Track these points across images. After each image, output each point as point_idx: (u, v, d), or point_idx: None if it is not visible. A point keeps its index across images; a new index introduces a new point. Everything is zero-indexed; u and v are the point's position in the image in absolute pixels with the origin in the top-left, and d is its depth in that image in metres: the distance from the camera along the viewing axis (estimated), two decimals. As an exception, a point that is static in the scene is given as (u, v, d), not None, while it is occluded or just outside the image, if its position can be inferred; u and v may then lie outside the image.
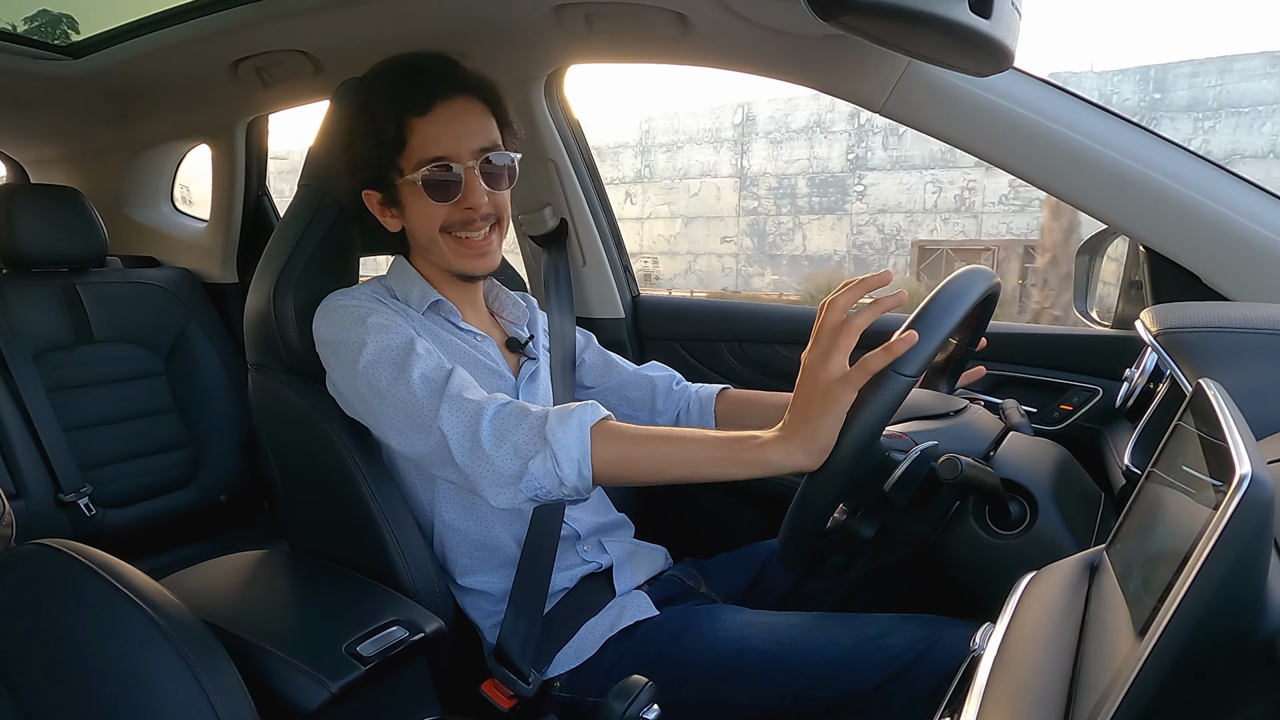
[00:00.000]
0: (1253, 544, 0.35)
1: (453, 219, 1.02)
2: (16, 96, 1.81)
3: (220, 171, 2.05)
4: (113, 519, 1.76)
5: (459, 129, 1.00)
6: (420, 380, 0.90)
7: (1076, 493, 0.94)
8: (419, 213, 1.02)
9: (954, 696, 0.53)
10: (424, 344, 0.95)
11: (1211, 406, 0.45)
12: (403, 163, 1.00)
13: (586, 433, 0.84)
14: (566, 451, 0.83)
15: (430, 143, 0.99)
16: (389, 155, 1.00)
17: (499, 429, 0.86)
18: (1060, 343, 1.30)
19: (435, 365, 0.92)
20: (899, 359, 0.83)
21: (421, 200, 1.01)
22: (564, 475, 0.84)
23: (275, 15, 1.32)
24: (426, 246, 1.06)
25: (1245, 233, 1.01)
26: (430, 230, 1.03)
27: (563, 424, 0.84)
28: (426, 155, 0.99)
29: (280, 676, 0.82)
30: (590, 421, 0.85)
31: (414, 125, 0.99)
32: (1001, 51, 0.83)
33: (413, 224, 1.05)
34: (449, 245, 1.03)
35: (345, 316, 0.99)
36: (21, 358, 1.71)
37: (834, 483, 0.86)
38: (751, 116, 10.54)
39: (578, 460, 0.83)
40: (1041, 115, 1.05)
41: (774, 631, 0.96)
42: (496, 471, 0.85)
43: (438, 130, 0.99)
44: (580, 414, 0.85)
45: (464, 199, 1.00)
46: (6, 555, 0.74)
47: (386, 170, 1.02)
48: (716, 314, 1.67)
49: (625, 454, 0.85)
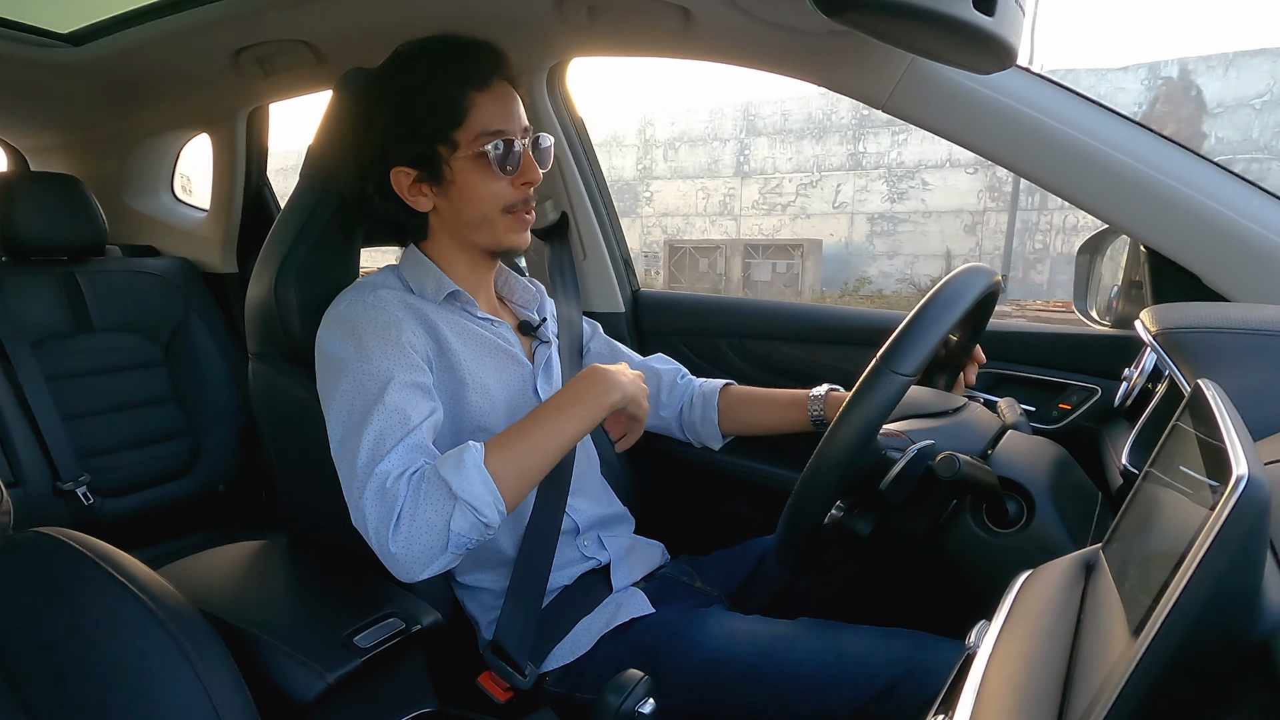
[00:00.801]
0: (1248, 544, 0.35)
1: (512, 196, 1.02)
2: (17, 84, 1.80)
3: (221, 161, 2.05)
4: (111, 508, 1.76)
5: (513, 108, 1.01)
6: (367, 450, 0.88)
7: (1074, 492, 0.94)
8: (479, 188, 1.00)
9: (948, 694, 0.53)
10: (397, 388, 0.91)
11: (1209, 407, 0.45)
12: (459, 135, 0.98)
13: (484, 471, 0.86)
14: (479, 498, 0.85)
15: (491, 117, 0.99)
16: (443, 128, 0.98)
17: (410, 516, 0.85)
18: (1059, 342, 1.30)
19: (393, 425, 0.89)
20: (894, 357, 0.83)
21: (484, 174, 0.99)
22: (487, 519, 0.86)
23: (278, 5, 1.32)
24: (474, 224, 1.03)
25: (1246, 234, 1.01)
26: (488, 206, 1.01)
27: (462, 474, 0.85)
28: (490, 128, 0.98)
29: (277, 666, 0.83)
30: (481, 459, 0.87)
31: (475, 99, 0.98)
32: (1005, 49, 0.83)
33: (465, 199, 1.01)
34: (505, 222, 1.03)
35: (343, 333, 0.96)
36: (20, 346, 1.71)
37: (830, 479, 0.86)
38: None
39: (491, 501, 0.85)
40: (1044, 113, 1.05)
41: (757, 641, 0.96)
42: (422, 551, 0.85)
43: (498, 106, 0.99)
44: (468, 457, 0.86)
45: (523, 173, 1.01)
46: (4, 543, 0.74)
47: (435, 144, 0.99)
48: (717, 309, 1.67)
49: (518, 465, 0.90)
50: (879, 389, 0.84)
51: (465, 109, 0.98)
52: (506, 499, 0.87)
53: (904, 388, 0.84)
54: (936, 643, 0.91)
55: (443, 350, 1.01)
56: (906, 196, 10.08)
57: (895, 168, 10.11)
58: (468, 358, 1.02)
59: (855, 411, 0.84)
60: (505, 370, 1.06)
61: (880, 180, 10.23)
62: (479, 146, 0.98)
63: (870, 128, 10.11)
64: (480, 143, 0.98)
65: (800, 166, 10.72)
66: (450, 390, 1.00)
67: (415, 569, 0.85)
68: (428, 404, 0.93)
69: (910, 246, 10.23)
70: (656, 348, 1.65)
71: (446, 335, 1.01)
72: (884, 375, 0.84)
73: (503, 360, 1.06)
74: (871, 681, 0.88)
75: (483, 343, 1.05)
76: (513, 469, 0.89)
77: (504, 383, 1.05)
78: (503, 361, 1.06)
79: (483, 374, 1.03)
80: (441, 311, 1.04)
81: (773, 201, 11.24)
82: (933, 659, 0.88)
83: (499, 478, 0.87)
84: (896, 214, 10.22)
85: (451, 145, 0.99)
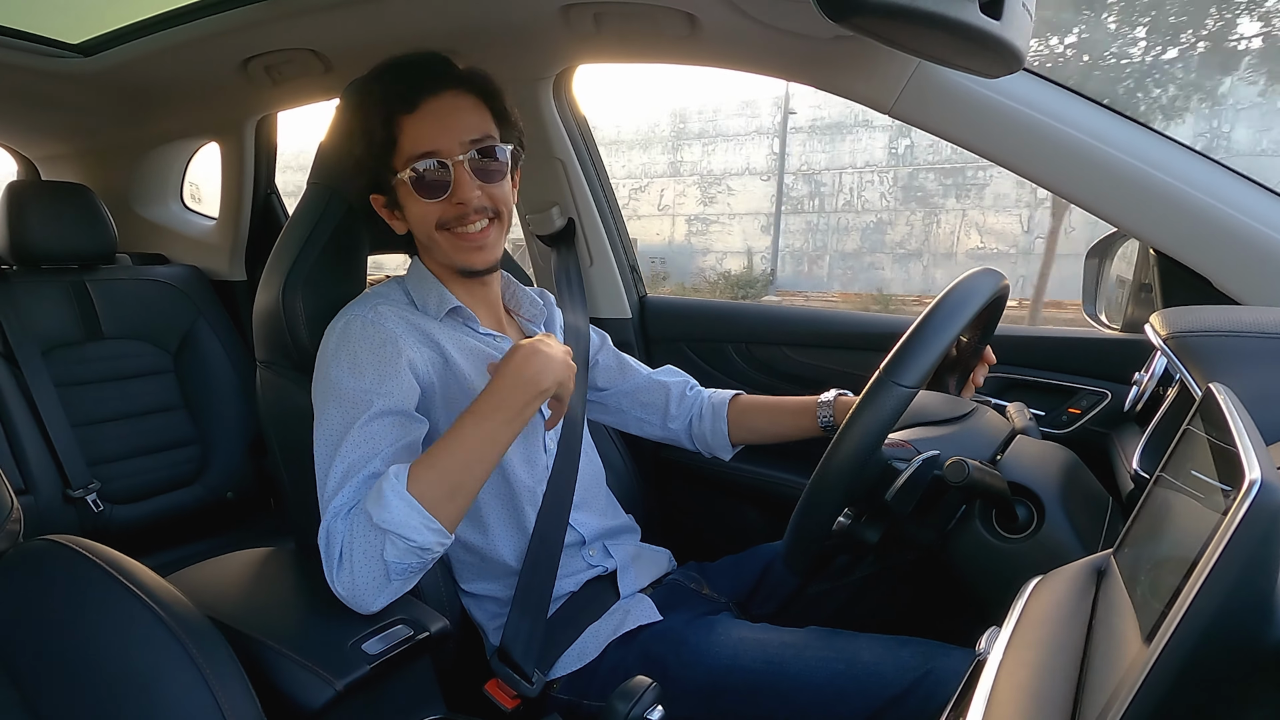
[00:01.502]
0: (1262, 549, 0.35)
1: (446, 214, 1.00)
2: (27, 93, 1.82)
3: (229, 169, 2.06)
4: (120, 515, 1.77)
5: (448, 123, 0.99)
6: (333, 483, 0.89)
7: (1084, 497, 0.93)
8: (414, 211, 1.01)
9: (959, 700, 0.53)
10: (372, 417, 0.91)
11: (1221, 411, 0.45)
12: (395, 162, 0.99)
13: (407, 497, 0.84)
14: (405, 525, 0.83)
15: (419, 139, 0.98)
16: (382, 156, 1.00)
17: (349, 554, 0.86)
18: (1069, 346, 1.30)
19: (358, 458, 0.90)
20: (897, 369, 0.83)
21: (413, 198, 1.00)
22: (421, 542, 0.84)
23: (286, 14, 1.32)
24: (427, 245, 1.05)
25: (1256, 236, 1.00)
26: (427, 228, 1.01)
27: (383, 506, 0.83)
28: (415, 151, 0.98)
29: (286, 673, 0.82)
30: (401, 485, 0.84)
31: (402, 123, 0.98)
32: (1012, 53, 0.83)
33: (411, 223, 1.03)
34: (446, 241, 1.02)
35: (338, 352, 0.96)
36: (31, 354, 1.72)
37: (835, 492, 0.86)
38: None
39: (419, 523, 0.83)
40: (1051, 117, 1.05)
41: (765, 650, 0.96)
42: (366, 585, 0.85)
43: (426, 126, 0.98)
44: (387, 487, 0.84)
45: (454, 193, 0.98)
46: (15, 551, 0.75)
47: (383, 171, 1.01)
48: (724, 315, 1.66)
49: (446, 483, 0.86)
50: (881, 402, 0.83)
51: (394, 135, 0.98)
52: (442, 518, 0.85)
53: (907, 400, 0.84)
54: (946, 651, 0.90)
55: (448, 366, 1.01)
56: (715, 200, 10.98)
57: (706, 175, 10.96)
58: (471, 373, 1.02)
59: (858, 425, 0.84)
60: None
61: (695, 186, 11.08)
62: (409, 171, 0.98)
63: (684, 139, 11.02)
64: (410, 167, 0.98)
65: (631, 174, 11.41)
66: (456, 406, 1.00)
67: (365, 602, 0.86)
68: (402, 430, 0.93)
69: (720, 245, 11.08)
70: (663, 353, 1.65)
71: (450, 351, 1.01)
72: (886, 387, 0.83)
73: None
74: (881, 690, 0.88)
75: (485, 359, 1.05)
76: (440, 489, 0.85)
77: None
78: None
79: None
80: (444, 328, 1.04)
81: (634, 207, 11.72)
82: (942, 668, 0.87)
83: (426, 499, 0.84)
84: (708, 215, 11.11)
85: (392, 171, 1.00)
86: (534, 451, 1.08)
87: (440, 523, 0.85)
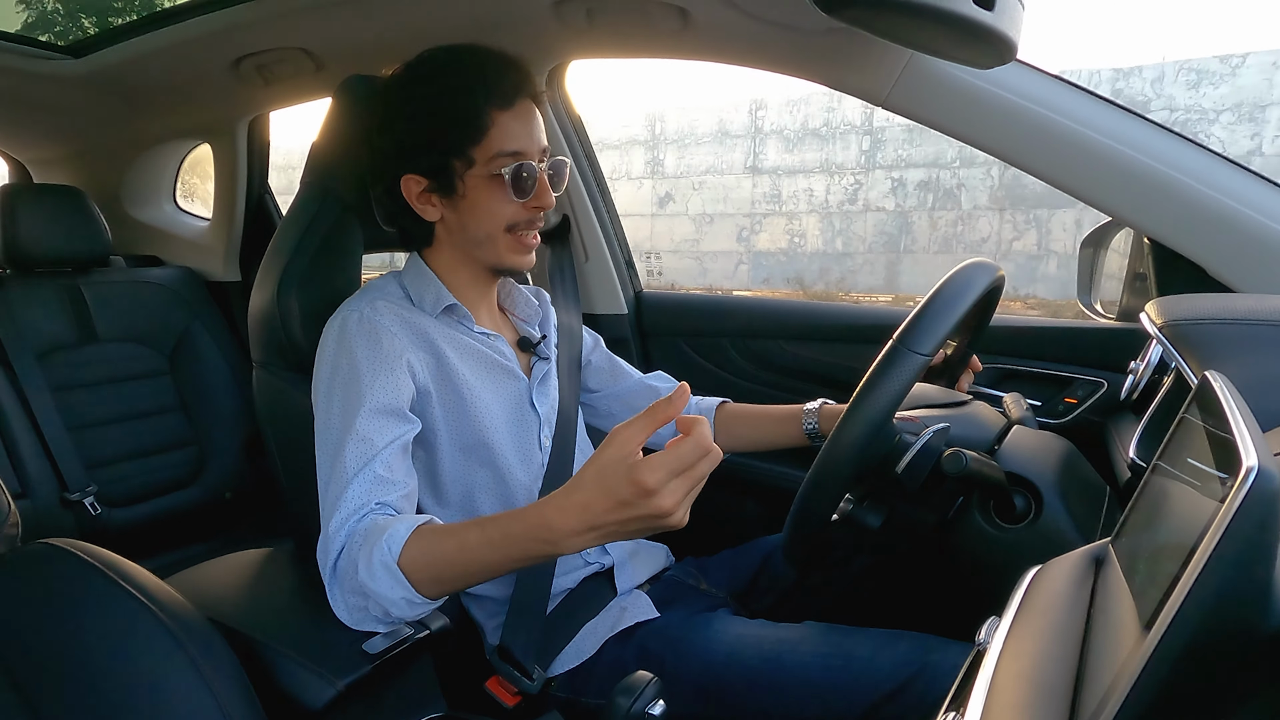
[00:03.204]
0: (1259, 536, 0.35)
1: (520, 216, 1.00)
2: (18, 96, 1.81)
3: (222, 170, 2.06)
4: (118, 518, 1.77)
5: (532, 129, 0.99)
6: (335, 488, 0.88)
7: (1081, 486, 0.94)
8: (487, 206, 0.99)
9: (959, 691, 0.53)
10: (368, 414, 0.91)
11: (1217, 398, 0.45)
12: (476, 152, 0.97)
13: (394, 570, 0.80)
14: (385, 597, 0.81)
15: (511, 137, 0.96)
16: (461, 142, 0.97)
17: (335, 579, 0.85)
18: (1064, 335, 1.30)
19: (357, 455, 0.89)
20: (912, 337, 0.82)
21: (496, 194, 0.98)
22: (399, 615, 0.83)
23: (277, 13, 1.32)
24: (478, 241, 1.02)
25: (1251, 224, 1.00)
26: (495, 224, 1.00)
27: (370, 571, 0.80)
28: (506, 148, 0.96)
29: (287, 674, 0.82)
30: (392, 559, 0.80)
31: (496, 117, 0.96)
32: (1004, 44, 0.83)
33: (472, 216, 1.00)
34: (506, 242, 1.01)
35: (338, 349, 0.96)
36: (26, 358, 1.71)
37: (847, 461, 0.85)
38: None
39: (401, 598, 0.81)
40: (1045, 107, 1.05)
41: (762, 646, 0.96)
42: (348, 616, 0.86)
43: (519, 126, 0.97)
44: (377, 557, 0.80)
45: (538, 197, 0.99)
46: (12, 554, 0.74)
47: (450, 157, 0.98)
48: (720, 309, 1.66)
49: (433, 573, 0.81)
50: (897, 367, 0.83)
51: (486, 126, 0.96)
52: (425, 595, 0.81)
53: (922, 367, 0.83)
54: (944, 645, 0.91)
55: (442, 365, 1.00)
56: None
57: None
58: (466, 372, 1.02)
59: (873, 390, 0.83)
60: (501, 384, 1.06)
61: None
62: (495, 167, 0.96)
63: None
64: (497, 163, 0.96)
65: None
66: (451, 405, 1.00)
67: (348, 621, 0.86)
68: (397, 427, 0.92)
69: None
70: (659, 348, 1.65)
71: (445, 350, 1.01)
72: (901, 354, 0.83)
73: (499, 374, 1.06)
74: (879, 684, 0.88)
75: (479, 357, 1.05)
76: (427, 574, 0.81)
77: (500, 397, 1.05)
78: (499, 376, 1.05)
79: (480, 388, 1.02)
80: (439, 326, 1.03)
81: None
82: (940, 661, 0.88)
83: (415, 577, 0.80)
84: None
85: (467, 161, 0.97)
86: (530, 449, 1.08)
87: (425, 596, 0.82)
